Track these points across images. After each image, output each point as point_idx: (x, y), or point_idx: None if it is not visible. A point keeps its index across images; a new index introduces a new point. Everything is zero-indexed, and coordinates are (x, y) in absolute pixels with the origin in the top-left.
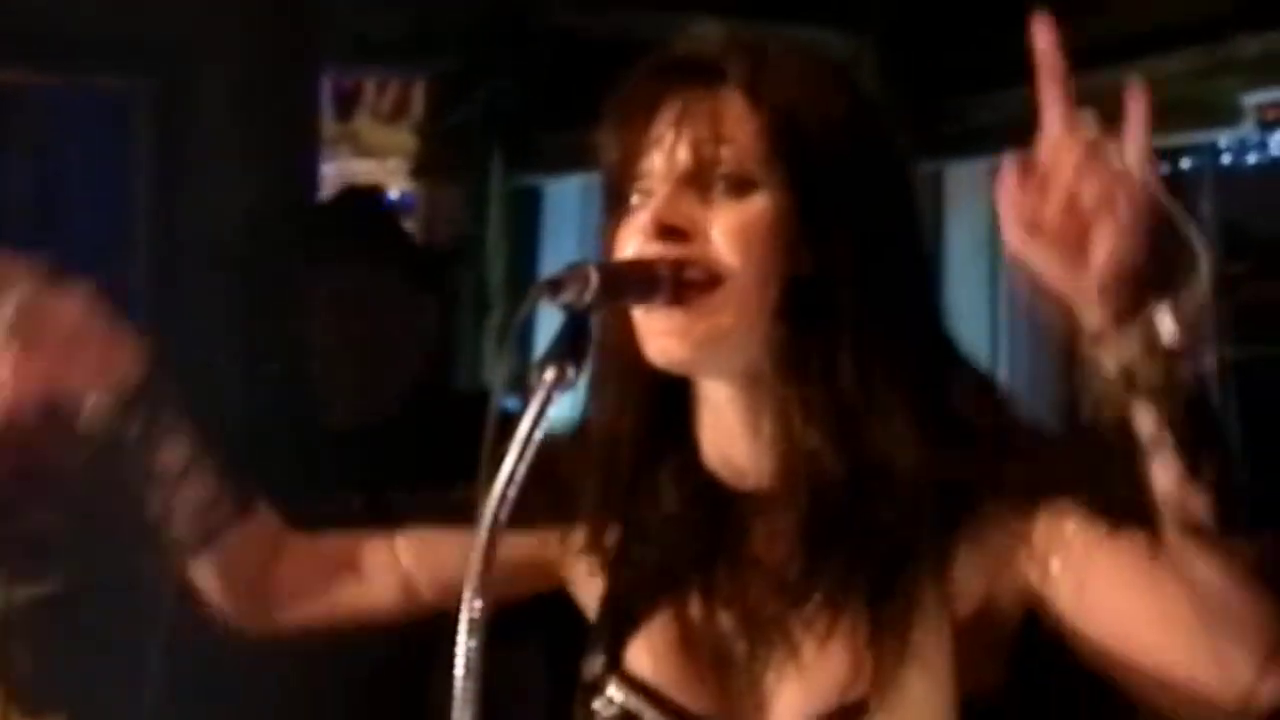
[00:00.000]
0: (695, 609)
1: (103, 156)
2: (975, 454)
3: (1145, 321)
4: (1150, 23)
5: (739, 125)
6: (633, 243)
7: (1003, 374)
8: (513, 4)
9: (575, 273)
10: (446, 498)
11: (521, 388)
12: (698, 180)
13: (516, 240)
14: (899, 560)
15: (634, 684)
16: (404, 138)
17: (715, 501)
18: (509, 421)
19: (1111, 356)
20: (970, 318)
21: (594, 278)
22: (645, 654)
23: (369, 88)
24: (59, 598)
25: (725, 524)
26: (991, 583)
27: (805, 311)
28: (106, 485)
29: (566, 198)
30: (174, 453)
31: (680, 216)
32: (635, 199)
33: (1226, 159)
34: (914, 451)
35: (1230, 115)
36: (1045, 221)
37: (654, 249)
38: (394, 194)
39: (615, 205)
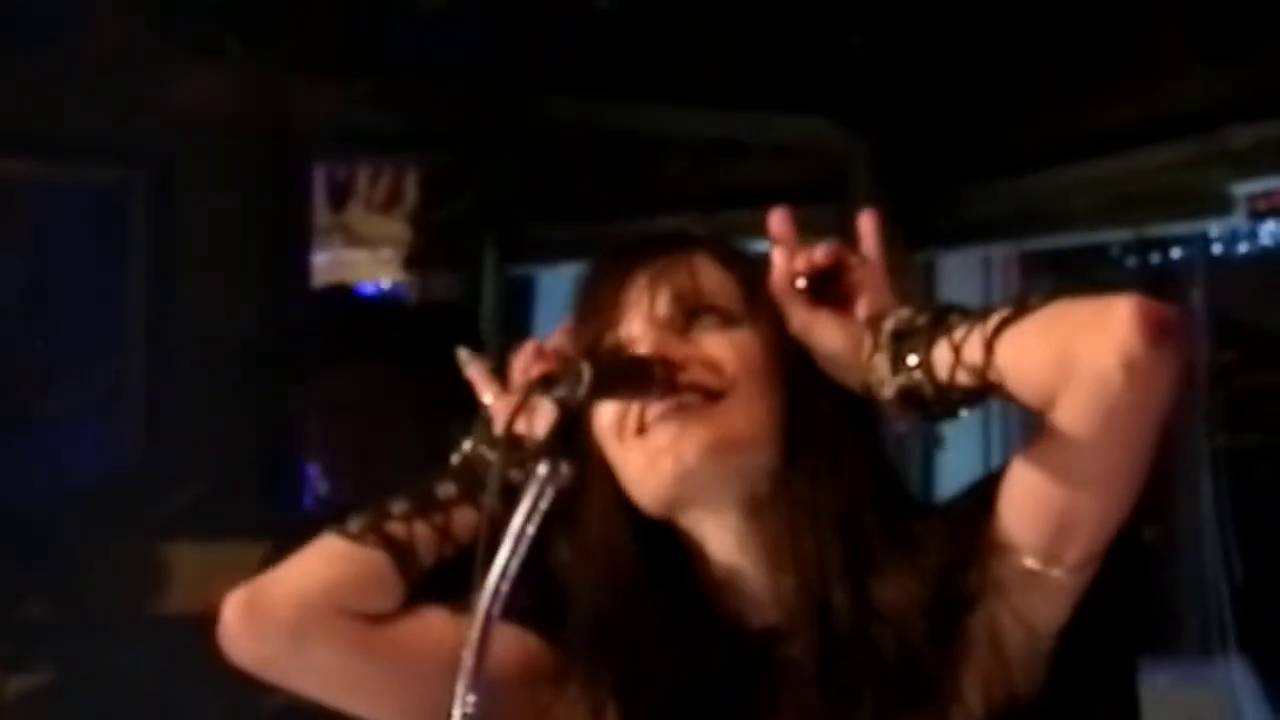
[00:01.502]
0: None
1: (97, 248)
2: (938, 559)
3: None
4: (1142, 114)
5: (715, 276)
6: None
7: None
8: (506, 98)
9: (568, 367)
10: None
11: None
12: (680, 324)
13: (510, 330)
14: (916, 678)
15: None
16: (397, 228)
17: (728, 640)
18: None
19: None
20: None
21: (586, 372)
22: None
23: (362, 178)
24: (51, 688)
25: (741, 662)
26: (994, 655)
27: (798, 439)
28: None
29: (560, 287)
30: None
31: (674, 345)
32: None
33: (1217, 249)
34: (908, 571)
35: (1221, 205)
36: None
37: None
38: (386, 284)
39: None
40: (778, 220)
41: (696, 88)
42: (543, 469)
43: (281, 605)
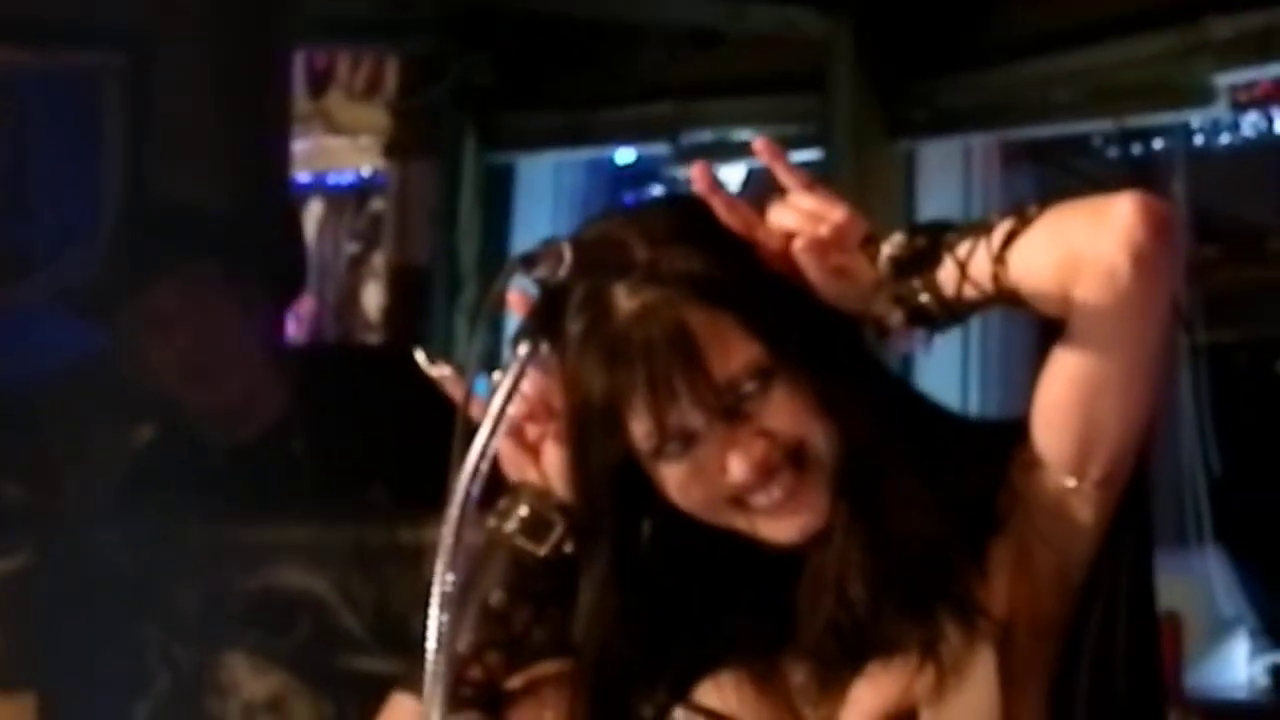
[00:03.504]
0: (756, 655)
1: (73, 135)
2: (967, 481)
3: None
4: (1123, 4)
5: (733, 335)
6: (741, 485)
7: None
8: None
9: (549, 249)
10: None
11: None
12: (729, 401)
13: (489, 218)
14: (936, 596)
15: (703, 711)
16: (376, 115)
17: (767, 565)
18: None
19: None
20: None
21: (567, 254)
22: (711, 691)
23: (342, 65)
24: (25, 572)
25: (774, 581)
26: (1022, 569)
27: (855, 456)
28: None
29: (539, 175)
30: None
31: (759, 444)
32: (682, 434)
33: (1199, 140)
34: (934, 511)
35: (1203, 96)
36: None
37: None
38: (365, 172)
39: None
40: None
41: None
42: (523, 349)
43: None
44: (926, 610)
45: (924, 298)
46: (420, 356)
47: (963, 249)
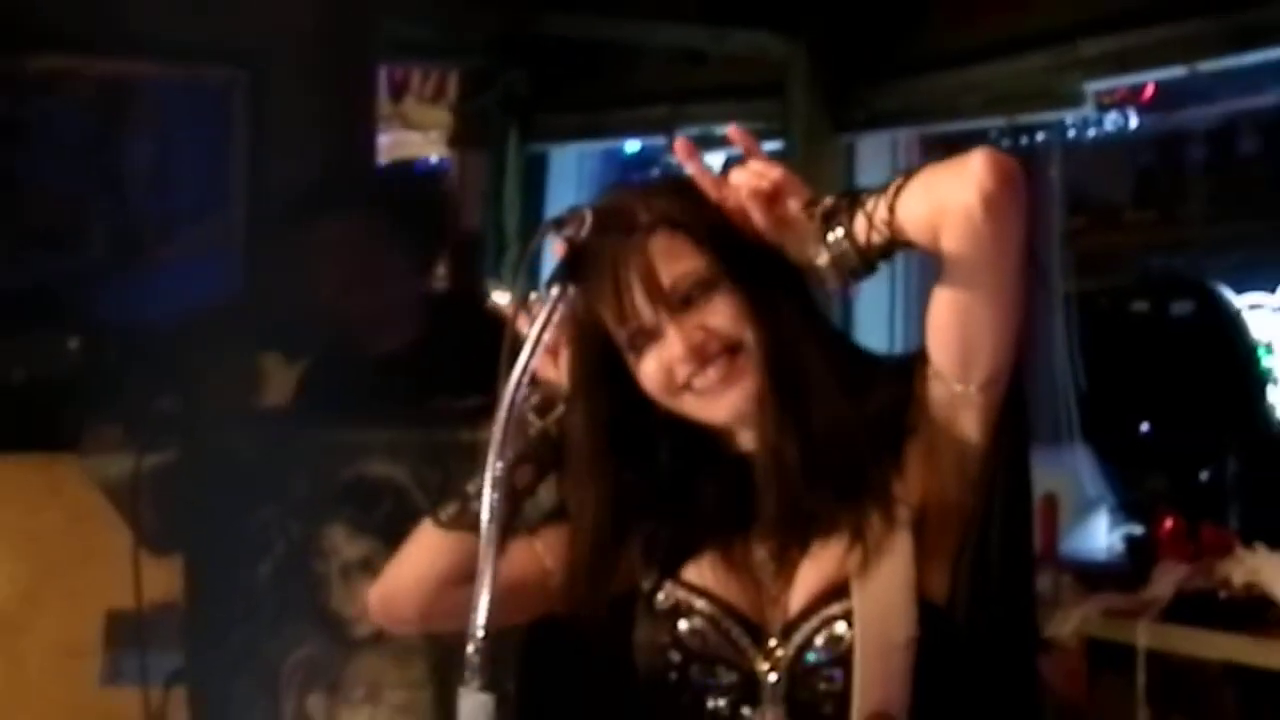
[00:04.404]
0: (730, 541)
1: (209, 131)
2: (882, 398)
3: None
4: (1014, 30)
5: (679, 256)
6: (682, 371)
7: (901, 296)
8: (522, 16)
9: (574, 214)
10: None
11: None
12: (675, 300)
13: (527, 194)
14: (860, 486)
15: (686, 585)
16: (441, 116)
17: (732, 468)
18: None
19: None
20: None
21: (588, 218)
22: (694, 570)
23: (415, 77)
24: (175, 464)
25: (740, 485)
26: (930, 464)
27: (773, 332)
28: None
29: (566, 162)
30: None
31: (697, 332)
32: (641, 330)
33: (1071, 134)
34: (850, 414)
35: (1074, 100)
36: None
37: (692, 369)
38: (434, 159)
39: (627, 340)
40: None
41: (667, 6)
42: (554, 291)
43: (405, 604)
44: (855, 501)
45: (844, 244)
46: (494, 295)
47: (870, 204)
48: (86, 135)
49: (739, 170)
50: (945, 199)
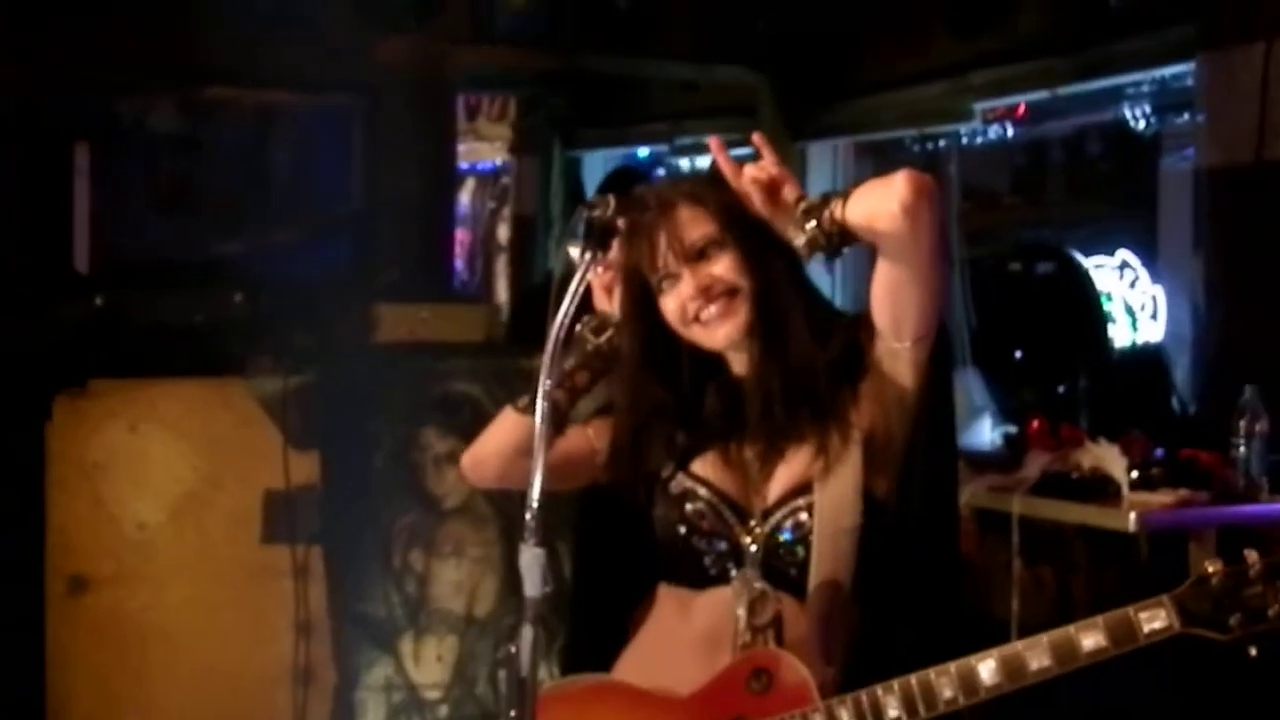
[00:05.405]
0: (727, 445)
1: (334, 146)
2: (841, 343)
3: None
4: (920, 65)
5: (697, 221)
6: (692, 306)
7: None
8: (564, 58)
9: (600, 199)
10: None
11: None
12: (692, 254)
13: (567, 187)
14: (825, 406)
15: (693, 476)
16: (504, 130)
17: (731, 388)
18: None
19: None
20: None
21: (612, 202)
22: (699, 464)
23: (484, 102)
24: (311, 384)
25: (736, 400)
26: (876, 400)
27: (766, 285)
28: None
29: (595, 164)
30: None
31: (705, 277)
32: (667, 275)
33: (965, 141)
34: (817, 353)
35: (967, 116)
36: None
37: (699, 305)
38: (498, 162)
39: (657, 283)
40: (717, 148)
41: (670, 48)
42: (588, 255)
43: (488, 467)
44: (820, 422)
45: (815, 231)
46: (569, 249)
47: (834, 204)
48: (244, 148)
49: (752, 166)
50: (877, 206)
